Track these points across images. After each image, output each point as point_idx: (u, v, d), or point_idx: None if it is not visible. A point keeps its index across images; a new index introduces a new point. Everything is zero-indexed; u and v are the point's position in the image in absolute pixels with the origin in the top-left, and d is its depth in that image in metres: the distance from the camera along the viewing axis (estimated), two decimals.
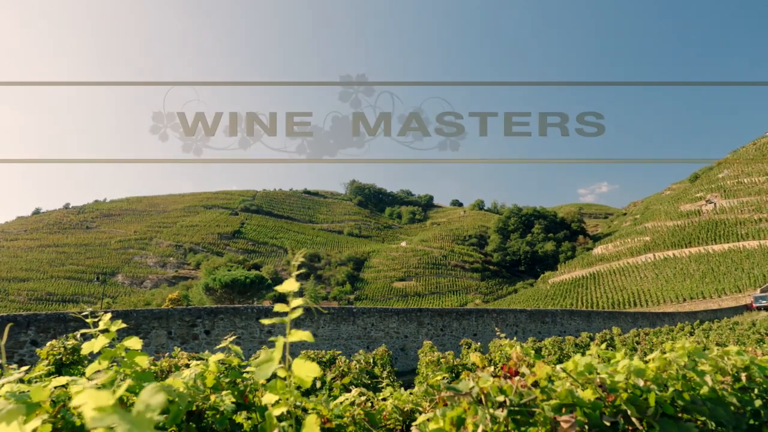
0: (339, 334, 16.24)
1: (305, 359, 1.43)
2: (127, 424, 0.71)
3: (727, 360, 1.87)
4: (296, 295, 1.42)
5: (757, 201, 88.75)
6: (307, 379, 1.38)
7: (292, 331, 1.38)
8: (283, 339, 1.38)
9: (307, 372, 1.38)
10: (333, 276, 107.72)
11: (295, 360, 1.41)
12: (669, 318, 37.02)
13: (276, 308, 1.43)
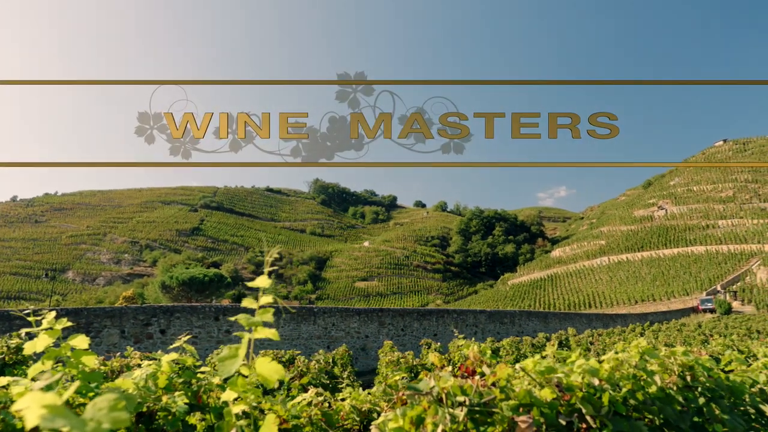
0: (299, 333, 16.09)
1: (269, 359, 1.40)
2: (79, 428, 0.67)
3: (673, 360, 1.94)
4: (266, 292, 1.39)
5: (704, 208, 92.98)
6: (271, 379, 1.35)
7: (258, 328, 1.35)
8: (249, 335, 1.34)
9: (272, 372, 1.35)
10: (294, 275, 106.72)
11: (259, 358, 1.38)
12: (621, 319, 38.32)
13: (244, 303, 1.39)
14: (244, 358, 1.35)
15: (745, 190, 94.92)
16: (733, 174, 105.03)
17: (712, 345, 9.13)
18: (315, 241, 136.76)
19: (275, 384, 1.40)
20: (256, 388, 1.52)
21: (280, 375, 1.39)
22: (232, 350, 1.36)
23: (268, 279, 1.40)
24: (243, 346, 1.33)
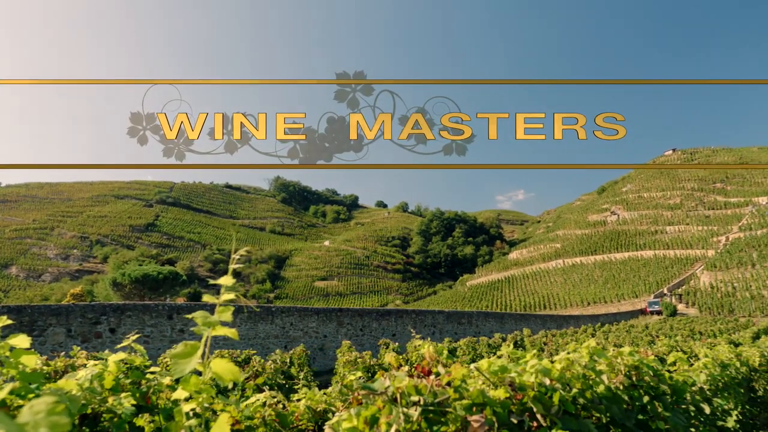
0: (256, 333, 15.85)
1: (227, 360, 1.37)
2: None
3: (620, 360, 2.01)
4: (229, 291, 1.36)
5: (654, 214, 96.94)
6: (225, 379, 1.32)
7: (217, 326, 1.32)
8: (208, 332, 1.31)
9: (227, 372, 1.32)
10: (253, 274, 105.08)
11: (216, 358, 1.35)
12: (574, 320, 39.49)
13: (205, 299, 1.36)
14: (200, 357, 1.32)
15: (692, 198, 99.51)
16: (680, 182, 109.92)
17: (658, 345, 9.51)
18: (275, 239, 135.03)
19: (230, 384, 1.37)
20: (210, 388, 1.49)
21: (235, 376, 1.36)
22: (188, 348, 1.33)
23: (231, 277, 1.37)
24: (200, 343, 1.30)
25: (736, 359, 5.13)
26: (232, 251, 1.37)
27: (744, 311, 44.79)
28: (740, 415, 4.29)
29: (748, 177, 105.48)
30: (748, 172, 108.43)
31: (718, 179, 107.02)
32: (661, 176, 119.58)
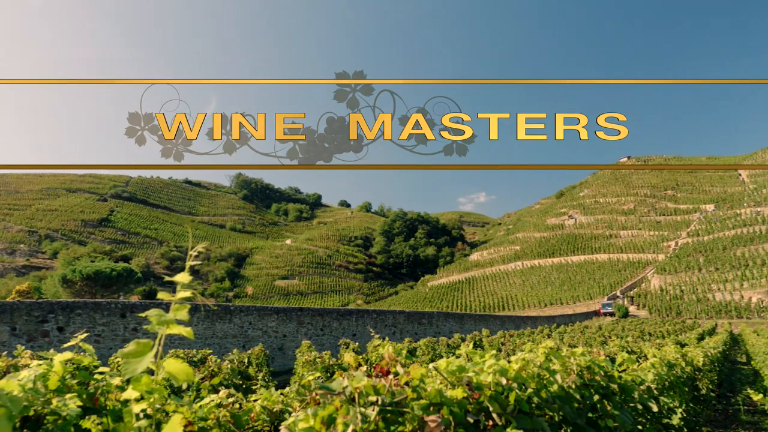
0: (214, 332, 15.52)
1: (180, 360, 1.34)
2: None
3: (573, 360, 2.06)
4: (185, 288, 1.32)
5: (609, 219, 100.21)
6: (180, 379, 1.28)
7: (172, 324, 1.28)
8: (162, 331, 1.27)
9: (180, 372, 1.29)
10: (212, 272, 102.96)
11: (169, 358, 1.31)
12: (531, 321, 40.40)
13: (160, 296, 1.32)
14: (153, 356, 1.28)
15: (644, 204, 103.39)
16: (634, 189, 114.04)
17: (610, 346, 9.83)
18: (235, 237, 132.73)
19: (184, 385, 1.33)
20: (163, 388, 1.44)
21: (188, 376, 1.32)
22: (140, 346, 1.28)
23: (188, 275, 1.33)
24: (154, 342, 1.26)
25: (681, 359, 5.35)
26: (189, 248, 1.33)
27: (690, 313, 46.85)
28: (684, 412, 4.48)
29: (697, 185, 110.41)
30: (698, 180, 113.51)
31: (669, 187, 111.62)
32: (617, 182, 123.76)
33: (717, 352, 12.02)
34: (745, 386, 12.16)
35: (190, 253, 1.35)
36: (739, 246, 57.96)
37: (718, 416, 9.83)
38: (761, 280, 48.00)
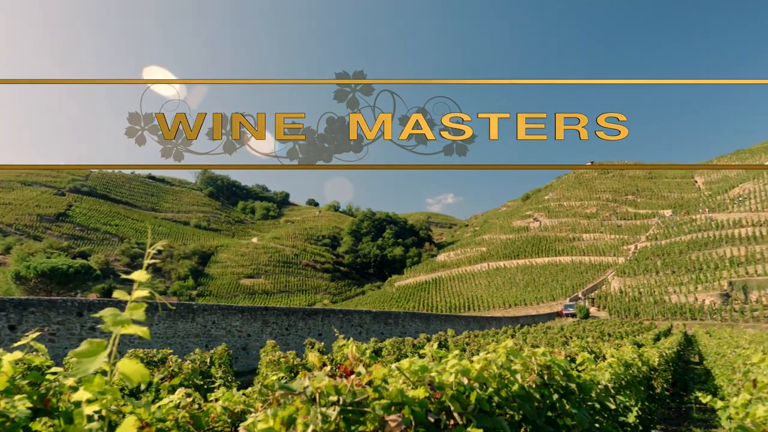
0: (175, 331, 15.18)
1: (136, 360, 1.30)
2: None
3: (534, 360, 2.10)
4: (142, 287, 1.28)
5: (572, 222, 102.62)
6: (134, 380, 1.25)
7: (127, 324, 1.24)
8: (116, 331, 1.23)
9: (135, 373, 1.25)
10: (175, 270, 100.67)
11: (124, 358, 1.28)
12: (496, 322, 41.01)
13: (115, 295, 1.27)
14: (106, 356, 1.24)
15: (606, 208, 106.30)
16: (597, 193, 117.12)
17: (571, 346, 10.06)
18: (199, 234, 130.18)
19: (140, 385, 1.30)
20: (115, 389, 1.40)
21: (143, 377, 1.29)
22: (93, 346, 1.24)
23: (145, 273, 1.29)
24: (108, 342, 1.22)
25: (638, 359, 5.52)
26: (148, 245, 1.30)
27: (648, 314, 48.42)
28: (640, 410, 4.62)
29: (656, 191, 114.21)
30: (656, 186, 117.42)
31: (630, 192, 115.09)
32: (580, 186, 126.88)
33: (672, 352, 12.46)
34: (697, 385, 12.64)
35: (148, 251, 1.32)
36: (694, 250, 60.23)
37: (672, 414, 10.20)
38: (714, 283, 50.00)
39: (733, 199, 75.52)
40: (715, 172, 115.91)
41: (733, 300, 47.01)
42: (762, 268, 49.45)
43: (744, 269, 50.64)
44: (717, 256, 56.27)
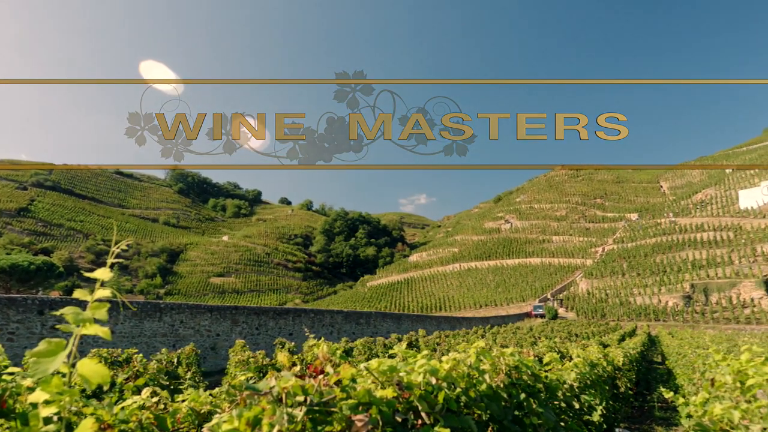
0: (141, 331, 14.84)
1: (96, 360, 1.26)
2: None
3: (502, 360, 2.12)
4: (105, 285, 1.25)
5: (542, 224, 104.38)
6: (93, 381, 1.21)
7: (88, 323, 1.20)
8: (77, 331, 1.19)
9: (94, 374, 1.21)
10: (142, 267, 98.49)
11: (84, 358, 1.24)
12: (467, 322, 41.41)
13: (76, 294, 1.23)
14: (66, 356, 1.20)
15: (576, 212, 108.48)
16: (566, 197, 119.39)
17: (539, 346, 10.23)
18: (168, 231, 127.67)
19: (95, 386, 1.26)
20: (74, 390, 1.36)
21: (103, 378, 1.25)
22: (52, 346, 1.20)
23: (109, 271, 1.26)
24: (67, 342, 1.18)
25: (603, 359, 5.64)
26: (113, 242, 1.26)
27: (614, 316, 49.59)
28: (604, 409, 4.72)
29: (623, 195, 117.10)
30: (624, 190, 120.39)
31: (598, 195, 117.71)
32: (551, 189, 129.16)
33: (636, 352, 12.79)
34: (659, 384, 13.00)
35: (113, 249, 1.28)
36: (658, 253, 61.95)
37: (635, 413, 10.47)
38: (677, 286, 51.53)
39: (696, 204, 78.01)
40: (680, 178, 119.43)
41: (694, 302, 48.54)
42: (722, 272, 51.19)
43: (705, 272, 52.34)
44: (680, 259, 58.01)
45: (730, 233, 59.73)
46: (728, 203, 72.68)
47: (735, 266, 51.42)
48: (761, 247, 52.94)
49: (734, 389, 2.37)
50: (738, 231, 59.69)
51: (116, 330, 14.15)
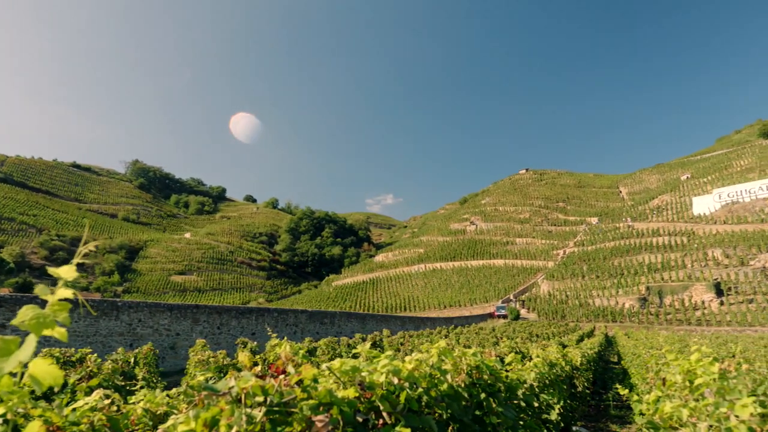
0: (97, 330, 14.37)
1: (49, 361, 1.21)
2: None
3: (464, 360, 2.14)
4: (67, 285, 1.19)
5: (506, 227, 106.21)
6: (44, 382, 1.16)
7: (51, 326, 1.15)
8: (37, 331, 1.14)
9: (47, 375, 1.16)
10: (99, 264, 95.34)
11: (36, 358, 1.18)
12: (431, 322, 41.74)
13: (37, 291, 1.17)
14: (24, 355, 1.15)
15: (539, 215, 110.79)
16: (530, 200, 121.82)
17: (501, 346, 10.39)
18: (128, 227, 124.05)
19: (46, 387, 1.21)
20: (23, 390, 1.30)
21: (55, 380, 1.20)
22: (6, 344, 1.15)
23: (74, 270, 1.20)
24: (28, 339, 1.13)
25: (562, 359, 5.77)
26: (82, 242, 1.21)
27: (573, 317, 50.89)
28: (562, 408, 4.83)
29: (584, 200, 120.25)
30: (585, 195, 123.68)
31: (561, 199, 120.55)
32: (515, 192, 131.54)
33: (593, 352, 13.15)
34: (615, 383, 13.40)
35: (80, 249, 1.23)
36: (616, 256, 63.91)
37: (592, 411, 10.76)
38: (633, 288, 53.27)
39: (653, 210, 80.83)
40: (638, 183, 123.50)
41: (649, 304, 50.28)
42: (675, 275, 53.20)
43: (660, 275, 54.28)
44: (636, 262, 59.99)
45: (684, 238, 62.16)
46: (682, 209, 75.62)
47: (688, 270, 53.53)
48: (712, 251, 55.27)
49: (684, 388, 2.46)
50: (691, 236, 62.19)
51: (70, 329, 13.64)
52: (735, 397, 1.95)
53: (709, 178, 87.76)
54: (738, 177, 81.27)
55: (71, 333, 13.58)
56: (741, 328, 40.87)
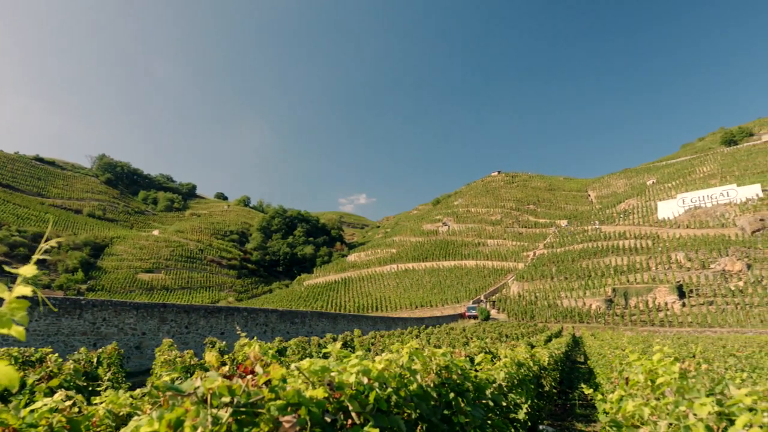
0: (59, 329, 13.93)
1: (6, 361, 1.16)
2: None
3: (434, 360, 2.15)
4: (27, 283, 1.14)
5: (478, 228, 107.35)
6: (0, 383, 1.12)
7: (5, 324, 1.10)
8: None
9: (2, 376, 1.12)
10: (62, 261, 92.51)
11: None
12: (402, 322, 41.88)
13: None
14: None
15: (510, 216, 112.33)
16: (502, 202, 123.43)
17: (471, 347, 10.49)
18: (93, 224, 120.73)
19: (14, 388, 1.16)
20: None
21: (11, 381, 1.16)
22: None
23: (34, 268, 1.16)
24: None
25: (530, 359, 5.86)
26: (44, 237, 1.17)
27: (542, 317, 51.77)
28: (530, 407, 4.91)
29: (554, 202, 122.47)
30: (555, 198, 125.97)
31: (532, 202, 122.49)
32: (487, 194, 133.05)
33: (561, 352, 13.40)
34: (581, 383, 13.69)
35: (41, 245, 1.19)
36: (584, 258, 65.29)
37: (558, 410, 10.96)
38: (600, 290, 54.52)
39: (620, 213, 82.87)
40: (606, 187, 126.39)
41: (615, 305, 51.53)
42: (640, 277, 54.65)
43: (626, 277, 55.68)
44: (603, 264, 61.39)
45: (649, 241, 63.90)
46: (648, 213, 77.72)
47: (652, 272, 55.07)
48: (675, 255, 56.99)
49: (646, 387, 2.52)
50: (656, 239, 63.97)
51: (30, 328, 13.19)
52: (694, 396, 2.02)
53: (674, 183, 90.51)
54: (701, 183, 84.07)
55: (31, 332, 13.13)
56: (701, 329, 42.27)
